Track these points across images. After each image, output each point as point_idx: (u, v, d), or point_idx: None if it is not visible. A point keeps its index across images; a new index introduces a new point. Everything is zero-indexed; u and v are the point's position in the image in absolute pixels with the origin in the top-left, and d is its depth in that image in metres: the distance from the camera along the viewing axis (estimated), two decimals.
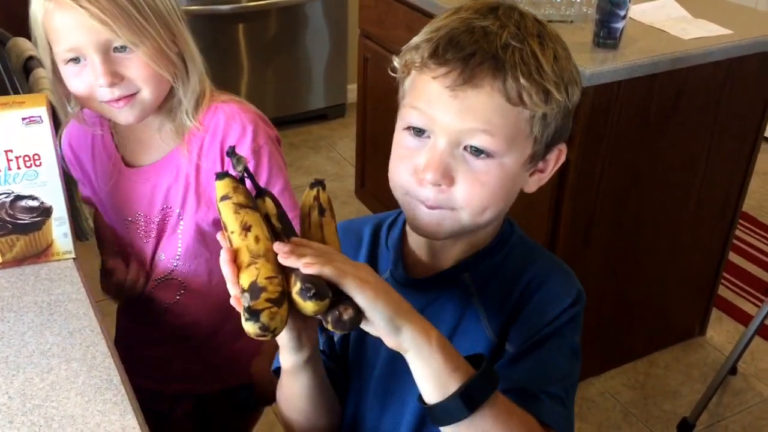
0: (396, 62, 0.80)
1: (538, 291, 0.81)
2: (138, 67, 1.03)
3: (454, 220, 0.78)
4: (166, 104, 1.10)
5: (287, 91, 3.40)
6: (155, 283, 1.21)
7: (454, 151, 0.75)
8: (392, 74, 0.81)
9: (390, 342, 0.68)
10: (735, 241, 2.59)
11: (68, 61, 1.03)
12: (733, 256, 2.60)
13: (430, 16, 1.86)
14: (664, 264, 2.10)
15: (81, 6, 0.98)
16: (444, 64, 0.73)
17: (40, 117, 1.03)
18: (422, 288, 0.85)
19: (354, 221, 0.95)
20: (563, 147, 0.82)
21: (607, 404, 2.09)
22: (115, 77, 1.02)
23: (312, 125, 3.51)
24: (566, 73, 0.76)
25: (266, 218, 0.73)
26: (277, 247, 0.68)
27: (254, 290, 0.66)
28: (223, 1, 3.04)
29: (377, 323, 0.67)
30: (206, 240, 1.18)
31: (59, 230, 1.10)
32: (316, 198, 0.75)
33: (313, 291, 0.65)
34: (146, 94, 1.06)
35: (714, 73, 1.83)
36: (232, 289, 0.69)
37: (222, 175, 0.73)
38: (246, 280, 0.67)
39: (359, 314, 0.67)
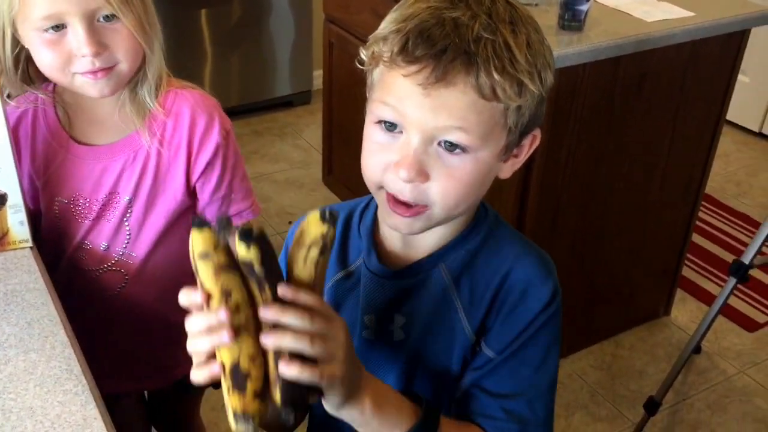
0: (363, 54, 0.78)
1: (517, 287, 0.81)
2: (122, 38, 1.00)
3: (427, 219, 0.77)
4: (131, 81, 1.07)
5: (252, 77, 3.36)
6: (97, 273, 1.16)
7: (428, 147, 0.73)
8: (359, 66, 0.79)
9: (329, 410, 0.71)
10: (698, 223, 2.64)
11: (46, 29, 0.98)
12: (696, 238, 2.64)
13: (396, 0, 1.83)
14: (630, 246, 2.13)
15: None
16: (415, 62, 0.71)
17: None
18: (396, 279, 0.84)
19: (331, 208, 0.93)
20: (537, 132, 0.81)
21: (575, 385, 2.11)
22: (100, 47, 0.99)
23: (277, 112, 3.47)
24: (540, 58, 0.74)
25: (247, 265, 0.68)
26: (262, 313, 0.66)
27: (238, 376, 0.65)
28: None
29: (328, 402, 0.70)
30: (161, 231, 1.14)
31: (15, 218, 1.07)
32: (324, 236, 0.70)
33: (293, 420, 0.66)
34: (124, 66, 1.02)
35: (677, 56, 1.84)
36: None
37: (201, 224, 0.66)
38: (227, 356, 0.65)
39: (320, 396, 0.69)
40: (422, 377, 0.83)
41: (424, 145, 0.73)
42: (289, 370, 0.64)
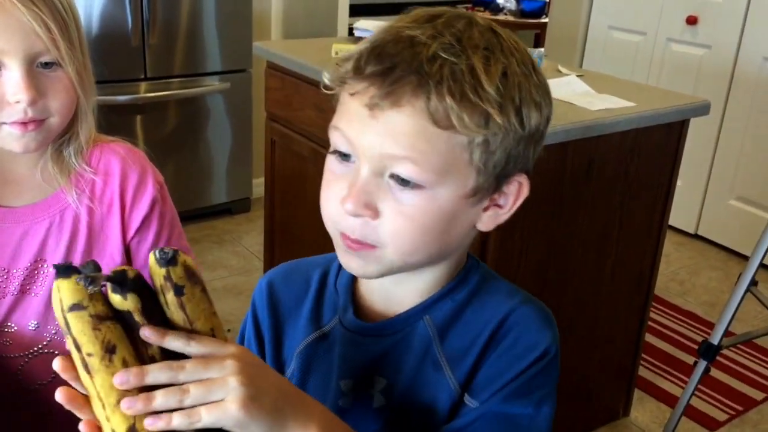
0: (326, 78, 0.70)
1: (506, 337, 0.70)
2: (61, 88, 0.90)
3: (379, 261, 0.67)
4: (57, 139, 0.97)
5: (188, 185, 3.26)
6: (25, 359, 1.00)
7: (379, 179, 0.65)
8: (324, 90, 0.71)
9: None
10: (649, 323, 2.60)
11: None
12: (648, 337, 2.59)
13: None
14: (586, 344, 2.05)
15: (23, 6, 0.83)
16: (364, 79, 0.64)
17: None
18: (375, 335, 0.74)
19: (302, 262, 0.85)
20: (523, 179, 0.71)
21: None
22: (37, 94, 0.88)
23: (215, 220, 3.37)
24: (520, 92, 0.65)
25: (127, 315, 0.59)
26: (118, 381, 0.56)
27: None
28: (121, 91, 2.94)
29: None
30: None
31: None
32: (167, 278, 0.60)
33: None
34: (55, 121, 0.92)
35: (621, 143, 1.86)
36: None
37: (66, 271, 0.56)
38: (121, 424, 0.55)
39: None
40: None
41: (375, 176, 0.64)
42: (154, 425, 0.54)
